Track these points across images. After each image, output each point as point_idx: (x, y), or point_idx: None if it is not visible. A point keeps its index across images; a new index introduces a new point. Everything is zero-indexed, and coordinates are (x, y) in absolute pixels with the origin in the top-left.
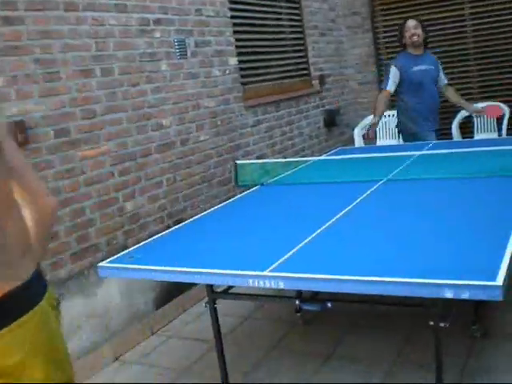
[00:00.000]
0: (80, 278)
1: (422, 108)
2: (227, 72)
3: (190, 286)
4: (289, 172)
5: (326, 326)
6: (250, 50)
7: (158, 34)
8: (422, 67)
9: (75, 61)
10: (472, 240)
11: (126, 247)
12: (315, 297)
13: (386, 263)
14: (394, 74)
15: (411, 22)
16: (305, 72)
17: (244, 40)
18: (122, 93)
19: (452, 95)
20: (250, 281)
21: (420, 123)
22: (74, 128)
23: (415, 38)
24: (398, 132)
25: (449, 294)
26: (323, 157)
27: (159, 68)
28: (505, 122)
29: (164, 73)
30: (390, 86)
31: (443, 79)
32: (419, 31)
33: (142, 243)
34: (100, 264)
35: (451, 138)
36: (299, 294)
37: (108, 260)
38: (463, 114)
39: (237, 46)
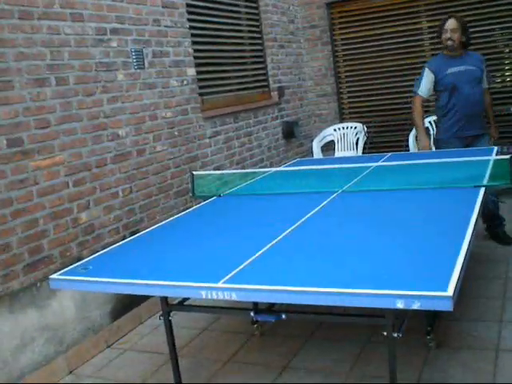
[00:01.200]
0: (33, 290)
1: (453, 113)
2: (185, 83)
3: (147, 297)
4: (246, 183)
5: (282, 338)
6: (208, 61)
7: (114, 44)
8: (460, 68)
9: (29, 70)
10: (424, 250)
11: (80, 259)
12: (271, 308)
13: (339, 274)
14: (426, 76)
15: (450, 24)
16: (264, 84)
17: (202, 51)
18: (77, 102)
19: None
20: (203, 293)
21: (444, 129)
22: (27, 138)
23: (450, 42)
24: None
25: (400, 305)
26: (280, 168)
27: (115, 78)
28: None
29: (120, 83)
30: (422, 90)
31: (485, 82)
32: (456, 35)
33: (95, 254)
34: (51, 276)
35: (408, 150)
36: (255, 306)
37: (60, 272)
38: None
39: (195, 57)
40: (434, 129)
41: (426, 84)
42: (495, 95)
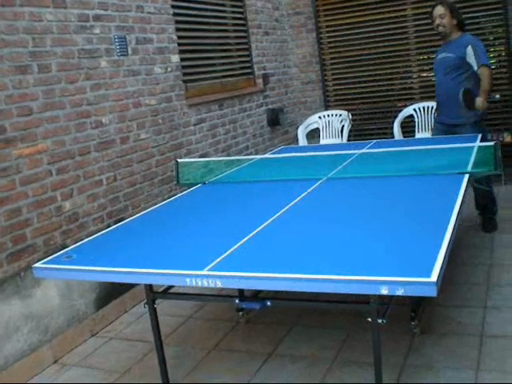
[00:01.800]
0: (16, 279)
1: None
2: (169, 70)
3: (132, 286)
4: (231, 170)
5: (267, 325)
6: (192, 47)
7: (97, 31)
8: (440, 55)
9: (11, 57)
10: (408, 237)
11: (64, 247)
12: (256, 295)
13: (324, 261)
14: None
15: (437, 10)
16: (248, 71)
17: (186, 38)
18: (59, 90)
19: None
20: (188, 280)
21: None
22: (9, 125)
23: (440, 28)
24: None
25: (384, 291)
26: (266, 155)
27: (99, 65)
28: None
29: (104, 70)
30: None
31: (474, 65)
32: (445, 21)
33: (79, 243)
34: (35, 265)
35: (393, 137)
36: (240, 293)
37: (44, 260)
38: (405, 113)
39: (179, 44)
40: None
41: None
42: None
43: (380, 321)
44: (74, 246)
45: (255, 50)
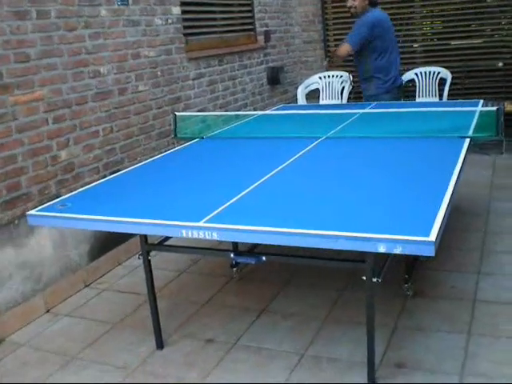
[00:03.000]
0: (10, 227)
1: None
2: (170, 21)
3: (126, 238)
4: (229, 126)
5: (261, 282)
6: (194, 0)
7: None
8: None
9: (10, 1)
10: (407, 196)
11: (59, 197)
12: (251, 250)
13: (321, 217)
14: None
15: None
16: (250, 27)
17: None
18: (58, 37)
19: None
20: (184, 231)
21: None
22: (6, 71)
23: (352, 10)
24: None
25: (382, 249)
26: (265, 112)
27: (98, 13)
28: (446, 87)
29: (103, 19)
30: None
31: None
32: (357, 2)
33: (74, 192)
34: (29, 212)
35: None
36: (235, 248)
37: (38, 208)
38: (406, 77)
39: None
40: None
41: None
42: (484, 49)
43: (375, 279)
44: (68, 195)
45: (257, 6)
